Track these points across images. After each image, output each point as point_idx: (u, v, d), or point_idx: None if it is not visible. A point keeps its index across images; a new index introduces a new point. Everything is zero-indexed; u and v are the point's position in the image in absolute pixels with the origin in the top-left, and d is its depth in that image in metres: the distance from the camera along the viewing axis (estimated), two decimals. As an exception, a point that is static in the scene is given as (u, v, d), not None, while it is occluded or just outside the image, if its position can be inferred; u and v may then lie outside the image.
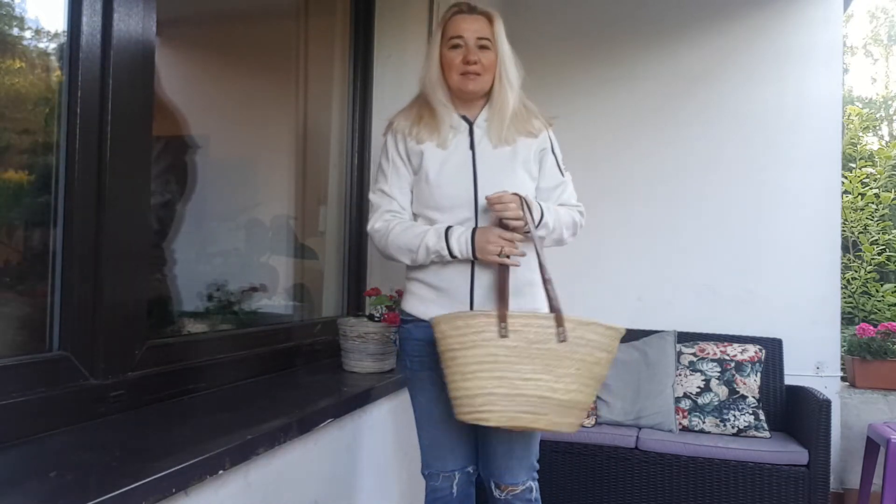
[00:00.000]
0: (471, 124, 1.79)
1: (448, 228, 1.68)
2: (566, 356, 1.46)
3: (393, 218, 1.76)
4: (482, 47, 1.73)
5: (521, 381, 1.46)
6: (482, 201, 1.69)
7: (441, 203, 1.72)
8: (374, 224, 1.78)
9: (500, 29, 1.77)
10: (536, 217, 1.67)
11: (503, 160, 1.76)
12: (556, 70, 3.51)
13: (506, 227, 1.64)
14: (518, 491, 1.74)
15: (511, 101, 1.76)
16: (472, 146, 1.76)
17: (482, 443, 1.79)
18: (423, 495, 1.83)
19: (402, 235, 1.72)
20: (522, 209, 1.62)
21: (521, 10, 3.64)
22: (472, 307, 1.71)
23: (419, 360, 1.77)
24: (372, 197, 1.83)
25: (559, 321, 1.49)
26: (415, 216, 1.79)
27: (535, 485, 1.78)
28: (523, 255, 1.66)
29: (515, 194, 1.65)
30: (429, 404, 1.77)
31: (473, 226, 1.68)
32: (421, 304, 1.76)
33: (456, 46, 1.73)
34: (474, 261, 1.69)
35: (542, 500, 1.82)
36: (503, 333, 1.47)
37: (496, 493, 1.76)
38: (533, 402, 1.46)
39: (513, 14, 3.62)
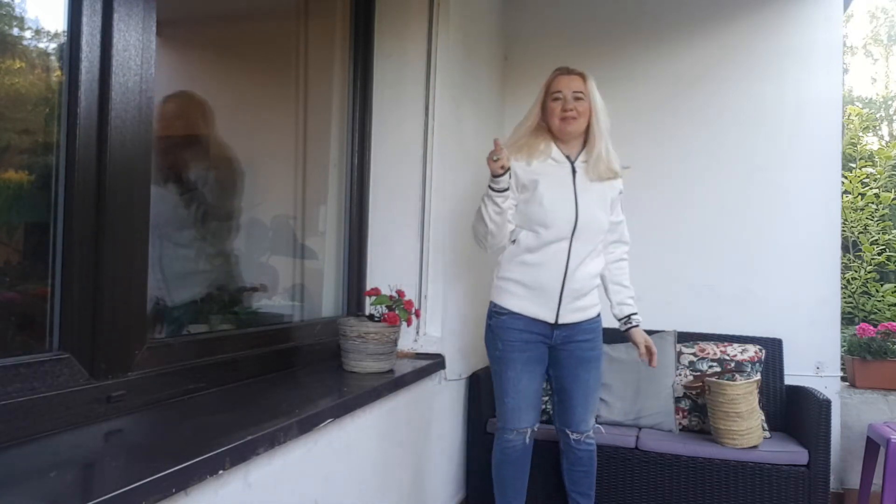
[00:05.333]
0: (571, 162, 2.28)
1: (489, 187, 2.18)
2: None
3: None
4: (577, 98, 2.24)
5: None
6: (578, 223, 2.23)
7: (547, 221, 2.22)
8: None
9: (592, 85, 2.28)
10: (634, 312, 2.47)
11: (595, 194, 2.28)
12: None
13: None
14: (590, 433, 2.42)
15: (601, 143, 2.26)
16: (573, 180, 2.26)
17: (564, 405, 2.38)
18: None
19: (474, 217, 2.28)
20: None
21: (520, 10, 3.64)
22: (559, 306, 2.25)
23: (511, 345, 2.27)
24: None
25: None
26: (518, 229, 2.27)
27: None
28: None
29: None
30: (517, 377, 2.28)
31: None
32: (518, 300, 2.27)
33: (557, 99, 2.25)
34: (566, 269, 2.24)
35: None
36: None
37: (573, 437, 2.40)
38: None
39: (512, 14, 3.63)
